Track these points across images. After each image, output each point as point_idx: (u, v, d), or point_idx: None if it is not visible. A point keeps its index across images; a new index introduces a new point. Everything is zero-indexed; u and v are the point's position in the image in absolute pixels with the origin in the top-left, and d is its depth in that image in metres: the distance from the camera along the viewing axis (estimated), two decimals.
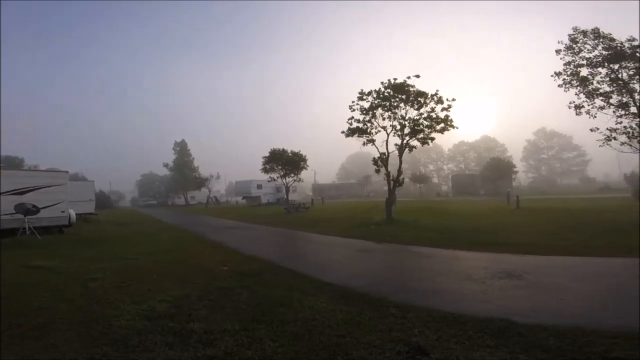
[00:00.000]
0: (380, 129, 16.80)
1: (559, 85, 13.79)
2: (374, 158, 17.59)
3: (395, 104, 16.08)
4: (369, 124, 16.87)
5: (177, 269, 6.96)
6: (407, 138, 16.45)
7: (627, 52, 12.02)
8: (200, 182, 52.43)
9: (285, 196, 33.60)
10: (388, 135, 16.67)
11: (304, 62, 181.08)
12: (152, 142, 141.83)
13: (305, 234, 13.41)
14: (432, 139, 16.50)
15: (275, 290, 5.27)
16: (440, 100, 15.35)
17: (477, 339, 3.21)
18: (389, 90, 16.08)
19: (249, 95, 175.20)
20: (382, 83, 16.27)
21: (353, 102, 17.21)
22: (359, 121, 17.06)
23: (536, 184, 69.72)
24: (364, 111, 16.82)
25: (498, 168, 50.60)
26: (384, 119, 16.57)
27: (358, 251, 9.32)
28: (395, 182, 17.20)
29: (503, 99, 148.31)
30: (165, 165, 58.59)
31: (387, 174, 17.22)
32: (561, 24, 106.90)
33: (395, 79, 15.99)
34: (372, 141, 17.29)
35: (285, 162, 30.77)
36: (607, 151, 13.68)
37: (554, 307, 4.28)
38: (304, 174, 33.79)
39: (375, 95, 16.47)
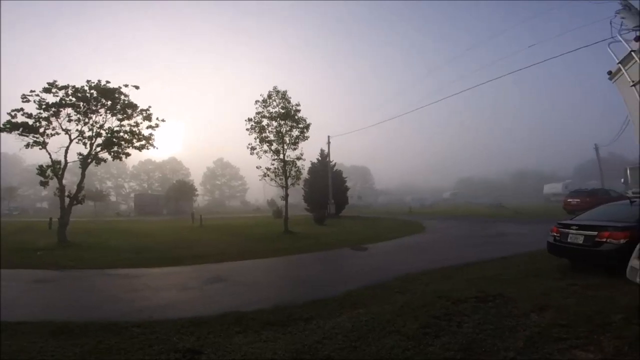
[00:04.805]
0: (61, 131, 13.60)
1: (246, 129, 17.61)
2: (41, 166, 13.85)
3: (94, 108, 13.80)
4: (45, 123, 13.17)
5: None
6: (98, 149, 14.44)
7: (291, 114, 17.62)
8: None
9: None
10: (71, 141, 13.81)
11: None
12: None
13: None
14: (128, 154, 15.51)
15: None
16: (149, 117, 14.86)
17: (227, 330, 3.98)
18: (93, 91, 13.66)
19: None
20: (88, 81, 13.62)
21: (32, 91, 13.06)
22: (30, 116, 12.91)
23: (210, 205, 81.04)
24: (46, 106, 13.08)
25: (182, 190, 54.33)
26: (70, 121, 13.62)
27: (36, 282, 7.26)
28: (73, 199, 14.26)
29: (196, 127, 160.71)
30: None
31: (62, 189, 13.99)
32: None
33: (108, 82, 13.95)
34: (43, 144, 13.55)
35: None
36: (258, 182, 19.32)
37: (257, 295, 5.95)
38: None
39: (71, 92, 13.39)
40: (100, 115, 14.17)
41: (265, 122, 17.55)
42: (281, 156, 17.60)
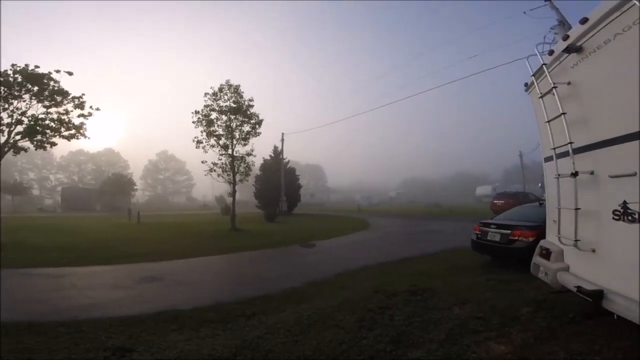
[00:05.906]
0: None
1: (193, 122, 16.76)
2: None
3: (17, 93, 12.31)
4: None
5: None
6: (18, 137, 12.80)
7: (243, 109, 17.17)
8: None
9: None
10: None
11: None
12: None
13: None
14: (54, 144, 13.94)
15: None
16: (81, 105, 13.45)
17: (162, 328, 3.86)
18: (17, 76, 12.19)
19: None
20: (13, 65, 12.19)
21: None
22: None
23: (152, 201, 75.55)
24: None
25: (118, 184, 49.95)
26: None
27: None
28: None
29: (138, 117, 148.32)
30: None
31: None
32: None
33: (36, 67, 12.50)
34: None
35: None
36: (206, 178, 18.51)
37: (196, 293, 5.78)
38: None
39: None
40: (24, 101, 12.68)
41: (214, 115, 16.92)
42: (230, 151, 17.08)
